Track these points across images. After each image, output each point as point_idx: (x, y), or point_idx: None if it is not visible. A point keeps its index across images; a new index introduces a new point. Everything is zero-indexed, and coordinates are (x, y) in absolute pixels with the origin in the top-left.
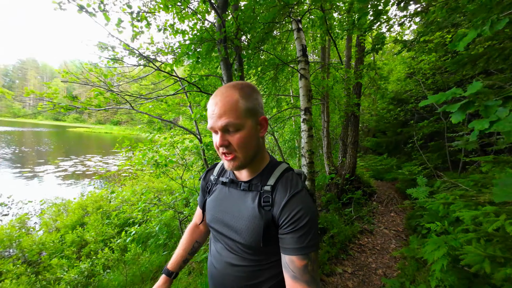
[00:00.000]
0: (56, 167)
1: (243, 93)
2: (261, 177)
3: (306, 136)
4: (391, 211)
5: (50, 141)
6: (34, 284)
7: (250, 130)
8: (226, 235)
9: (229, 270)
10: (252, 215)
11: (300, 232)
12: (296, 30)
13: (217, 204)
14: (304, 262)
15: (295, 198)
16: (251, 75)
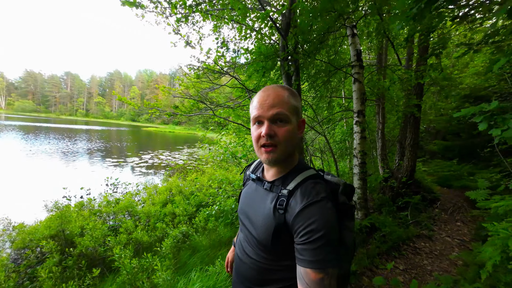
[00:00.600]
0: (140, 159)
1: (291, 93)
2: (283, 179)
3: (358, 138)
4: (457, 220)
5: (131, 138)
6: (150, 236)
7: (294, 126)
8: (247, 227)
9: (245, 259)
10: (267, 215)
11: (315, 244)
12: (350, 36)
13: (245, 197)
14: (320, 276)
15: (311, 207)
16: (305, 80)
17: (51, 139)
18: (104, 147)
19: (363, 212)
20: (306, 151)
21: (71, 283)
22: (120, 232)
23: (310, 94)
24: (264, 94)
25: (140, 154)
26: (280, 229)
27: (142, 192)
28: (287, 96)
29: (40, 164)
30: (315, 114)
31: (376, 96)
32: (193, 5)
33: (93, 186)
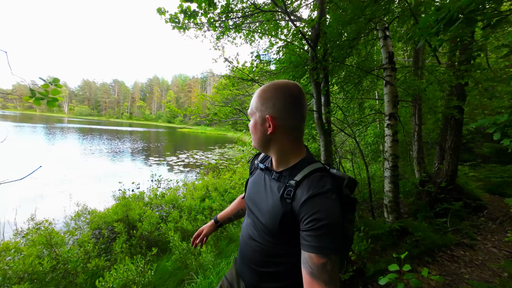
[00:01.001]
0: (177, 158)
1: (260, 92)
2: (291, 171)
3: (390, 141)
4: (507, 231)
5: (168, 139)
6: (193, 226)
7: (256, 122)
8: (254, 213)
9: (250, 242)
10: (275, 203)
11: (319, 231)
12: (382, 38)
13: (253, 185)
14: (324, 260)
15: (316, 198)
16: (334, 84)
17: (104, 140)
18: (146, 147)
19: (394, 215)
20: (335, 153)
21: (139, 257)
22: (168, 221)
23: (340, 96)
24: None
25: (177, 153)
26: (286, 216)
27: (182, 188)
28: (255, 95)
29: (98, 161)
30: (344, 116)
31: (412, 97)
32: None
33: (141, 181)
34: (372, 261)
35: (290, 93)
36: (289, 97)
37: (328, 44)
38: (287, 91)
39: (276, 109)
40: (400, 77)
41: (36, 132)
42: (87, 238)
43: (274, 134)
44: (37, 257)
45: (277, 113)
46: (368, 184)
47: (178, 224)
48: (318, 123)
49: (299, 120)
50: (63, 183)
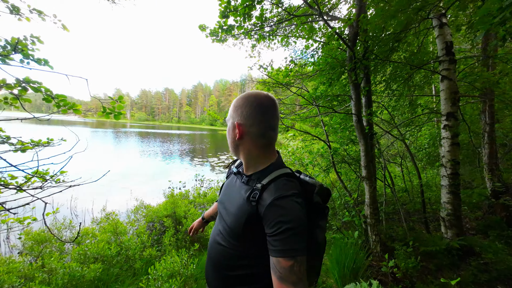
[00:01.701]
0: (218, 159)
1: (235, 102)
2: (259, 175)
3: (448, 145)
4: None
5: (210, 140)
6: None
7: (229, 128)
8: (223, 216)
9: (215, 246)
10: (241, 205)
11: (284, 234)
12: (438, 27)
13: (225, 188)
14: (290, 263)
15: (281, 201)
16: (378, 82)
17: (158, 142)
18: (192, 149)
19: (454, 231)
20: (381, 157)
21: (183, 250)
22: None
23: (385, 94)
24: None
25: (218, 155)
26: (251, 219)
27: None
28: (232, 104)
29: (152, 161)
30: (391, 117)
31: (479, 92)
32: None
33: (186, 180)
34: (424, 282)
35: (257, 103)
36: (256, 106)
37: (369, 42)
38: (255, 101)
39: (243, 116)
40: (462, 70)
41: (107, 136)
42: (143, 229)
43: (241, 139)
44: (106, 243)
45: (243, 120)
46: (421, 193)
47: None
48: (357, 126)
49: (266, 128)
50: (126, 180)
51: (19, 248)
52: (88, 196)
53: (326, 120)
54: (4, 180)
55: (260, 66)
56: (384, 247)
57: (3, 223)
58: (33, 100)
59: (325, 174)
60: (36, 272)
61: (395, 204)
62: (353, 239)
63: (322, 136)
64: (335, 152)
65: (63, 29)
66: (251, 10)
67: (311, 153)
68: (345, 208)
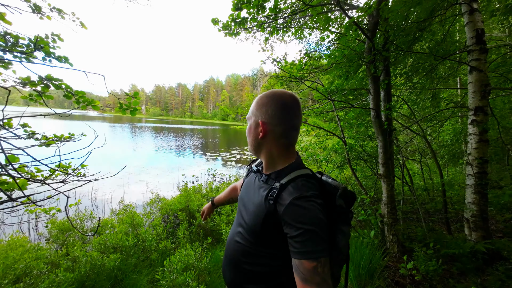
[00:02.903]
0: (230, 154)
1: (258, 100)
2: (278, 174)
3: (475, 141)
4: None
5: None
6: None
7: (250, 126)
8: (241, 214)
9: (233, 242)
10: (259, 203)
11: (304, 236)
12: (467, 13)
13: (246, 186)
14: (314, 264)
15: (299, 201)
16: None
17: (172, 137)
18: (204, 144)
19: (479, 233)
20: (399, 154)
21: (197, 243)
22: (221, 213)
23: (405, 88)
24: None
25: (230, 149)
26: (269, 217)
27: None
28: (254, 102)
29: (167, 155)
30: (411, 111)
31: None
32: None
33: (199, 174)
34: (445, 286)
35: (282, 102)
36: (281, 105)
37: (389, 31)
38: (280, 100)
39: (267, 115)
40: (494, 60)
41: (124, 130)
42: (158, 222)
43: (264, 138)
44: (125, 234)
45: (268, 119)
46: (443, 192)
47: (230, 217)
48: (375, 122)
49: (289, 129)
50: (142, 173)
51: (46, 236)
52: (108, 188)
53: (341, 115)
54: (31, 173)
55: (274, 60)
56: (401, 248)
57: (31, 213)
58: (56, 97)
59: (339, 170)
60: (62, 260)
61: (413, 203)
62: (368, 238)
63: (336, 131)
64: (351, 149)
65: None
66: (265, 1)
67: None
68: (360, 206)
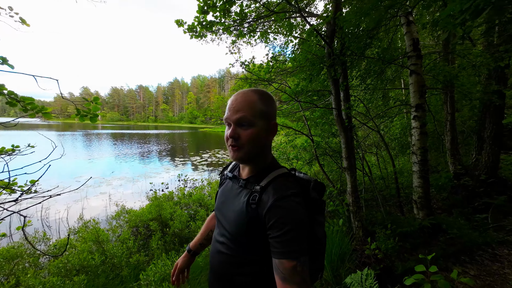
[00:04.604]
0: (200, 157)
1: (262, 97)
2: (257, 177)
3: (418, 134)
4: None
5: (190, 139)
6: None
7: (260, 130)
8: (222, 224)
9: (217, 255)
10: (240, 210)
11: (286, 236)
12: (405, 24)
13: (222, 195)
14: (293, 263)
15: (282, 202)
16: (354, 78)
17: (134, 144)
18: (172, 148)
19: (425, 212)
20: (359, 148)
21: (173, 253)
22: (197, 219)
23: (361, 88)
24: (233, 99)
25: (200, 153)
26: (252, 223)
27: (207, 187)
28: (255, 100)
29: (130, 164)
30: (366, 110)
31: (442, 84)
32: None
33: (169, 181)
34: (401, 260)
35: (273, 97)
36: (275, 101)
37: (345, 38)
38: (271, 96)
39: (275, 116)
40: (427, 64)
41: (76, 139)
42: (127, 235)
43: (270, 142)
44: (89, 253)
45: (275, 118)
46: (395, 179)
47: None
48: (338, 120)
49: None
50: (103, 184)
51: None
52: (61, 205)
53: (307, 115)
54: None
55: (242, 63)
56: (365, 232)
57: None
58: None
59: (308, 166)
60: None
61: (373, 191)
62: (338, 227)
63: (304, 130)
64: (318, 145)
65: (21, 23)
66: (231, 5)
67: (295, 147)
68: (329, 198)
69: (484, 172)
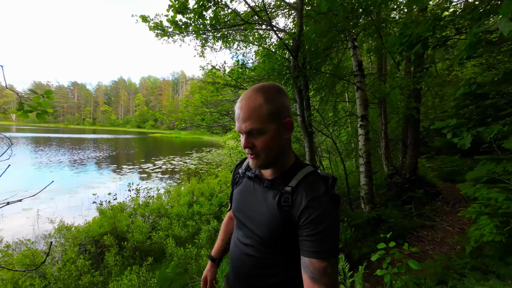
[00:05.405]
0: (154, 165)
1: (267, 97)
2: (283, 177)
3: (363, 139)
4: (458, 212)
5: (140, 144)
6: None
7: (273, 134)
8: (247, 226)
9: (246, 258)
10: (272, 212)
11: (319, 236)
12: (352, 48)
13: (242, 195)
14: (324, 264)
15: (314, 202)
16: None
17: (67, 149)
18: (118, 155)
19: (370, 206)
20: (316, 154)
21: (136, 267)
22: (158, 229)
23: (316, 99)
24: (238, 106)
25: (153, 160)
26: (287, 224)
27: (164, 195)
28: (261, 103)
29: (64, 173)
30: (322, 118)
31: (378, 100)
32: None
33: (116, 191)
34: (356, 248)
35: (285, 91)
36: (287, 95)
37: (306, 54)
38: (283, 89)
39: (289, 110)
40: (368, 82)
41: None
42: (73, 254)
43: (288, 139)
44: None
45: (290, 114)
46: (346, 179)
47: (169, 232)
48: (302, 126)
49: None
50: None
51: None
52: None
53: None
54: None
55: (213, 67)
56: None
57: None
58: None
59: None
60: None
61: None
62: None
63: None
64: None
65: None
66: (206, 10)
67: None
68: None
69: (408, 172)
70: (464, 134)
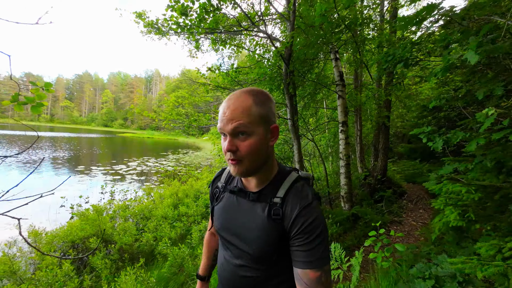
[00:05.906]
0: (127, 166)
1: (257, 99)
2: (270, 187)
3: (343, 144)
4: (420, 208)
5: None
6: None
7: (260, 138)
8: (235, 245)
9: (240, 279)
10: (262, 226)
11: (312, 244)
12: (334, 60)
13: (225, 212)
14: (318, 274)
15: (305, 210)
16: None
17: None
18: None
19: (349, 204)
20: None
21: (129, 268)
22: (145, 231)
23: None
24: (225, 105)
25: (125, 161)
26: (279, 236)
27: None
28: (250, 104)
29: (17, 176)
30: (304, 123)
31: (354, 108)
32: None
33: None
34: (341, 240)
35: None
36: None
37: (296, 62)
38: (269, 95)
39: (275, 117)
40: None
41: None
42: (54, 260)
43: (272, 147)
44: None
45: (276, 121)
46: (326, 180)
47: (157, 233)
48: (292, 130)
49: None
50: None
51: None
52: None
53: None
54: None
55: (209, 69)
56: None
57: None
58: None
59: None
60: None
61: None
62: None
63: None
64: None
65: None
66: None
67: None
68: None
69: (379, 173)
70: (437, 139)
